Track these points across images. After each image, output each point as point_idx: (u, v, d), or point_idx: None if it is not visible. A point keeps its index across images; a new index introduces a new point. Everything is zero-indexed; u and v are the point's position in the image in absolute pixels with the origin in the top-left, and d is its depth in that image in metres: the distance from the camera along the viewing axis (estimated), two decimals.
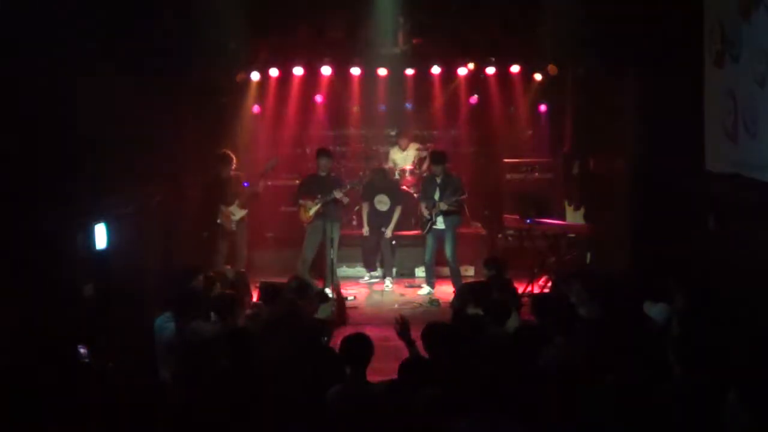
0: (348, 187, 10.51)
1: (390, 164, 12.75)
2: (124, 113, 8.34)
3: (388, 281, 11.21)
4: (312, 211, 10.38)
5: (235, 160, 10.60)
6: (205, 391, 5.31)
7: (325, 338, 6.28)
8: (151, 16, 8.24)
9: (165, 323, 6.91)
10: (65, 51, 6.95)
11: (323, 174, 10.47)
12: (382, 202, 11.03)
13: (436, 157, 10.58)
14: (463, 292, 7.68)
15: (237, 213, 10.52)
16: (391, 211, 10.98)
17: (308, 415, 4.90)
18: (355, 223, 12.00)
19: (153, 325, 6.91)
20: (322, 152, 10.56)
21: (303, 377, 5.42)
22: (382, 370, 5.61)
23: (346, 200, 10.40)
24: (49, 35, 6.61)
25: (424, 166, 12.19)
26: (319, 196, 10.30)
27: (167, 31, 8.34)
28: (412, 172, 12.59)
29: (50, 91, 6.79)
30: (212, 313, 7.12)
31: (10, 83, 6.13)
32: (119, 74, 8.13)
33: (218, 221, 10.44)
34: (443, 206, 10.27)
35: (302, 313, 6.80)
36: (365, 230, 11.17)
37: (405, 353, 5.79)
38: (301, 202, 10.50)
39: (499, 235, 11.87)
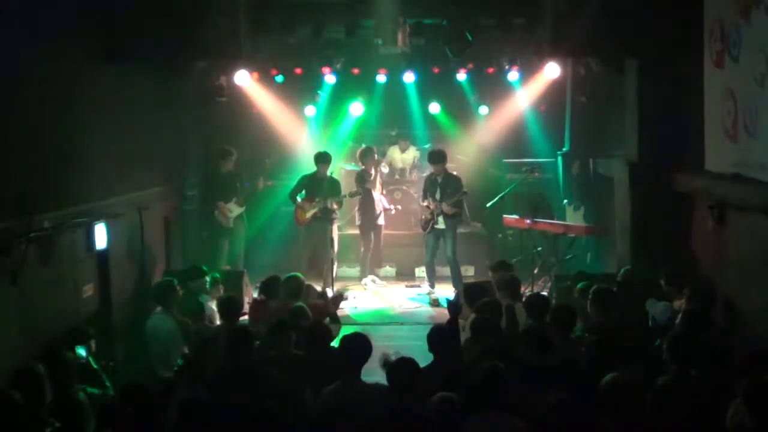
0: (346, 196, 10.65)
1: (388, 161, 12.79)
2: (124, 113, 8.34)
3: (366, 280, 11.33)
4: (309, 215, 10.49)
5: (235, 155, 10.59)
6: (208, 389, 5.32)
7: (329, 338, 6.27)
8: (151, 16, 8.23)
9: (159, 321, 6.94)
10: (64, 50, 6.95)
11: (320, 177, 10.52)
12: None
13: (433, 157, 10.57)
14: (463, 293, 7.70)
15: (234, 210, 10.50)
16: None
17: (304, 414, 4.91)
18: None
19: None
20: (320, 157, 10.59)
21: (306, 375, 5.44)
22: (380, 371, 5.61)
23: (336, 206, 10.57)
24: (48, 33, 6.61)
25: (422, 167, 12.22)
26: (317, 200, 10.36)
27: (167, 31, 8.32)
28: (411, 171, 12.64)
29: (50, 90, 6.79)
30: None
31: (9, 83, 6.12)
32: (119, 74, 8.13)
33: (215, 218, 10.43)
34: (445, 208, 10.26)
35: (306, 312, 6.83)
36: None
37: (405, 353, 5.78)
38: (299, 202, 10.55)
39: (499, 235, 11.86)
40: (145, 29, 8.19)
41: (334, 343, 6.09)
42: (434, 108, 12.59)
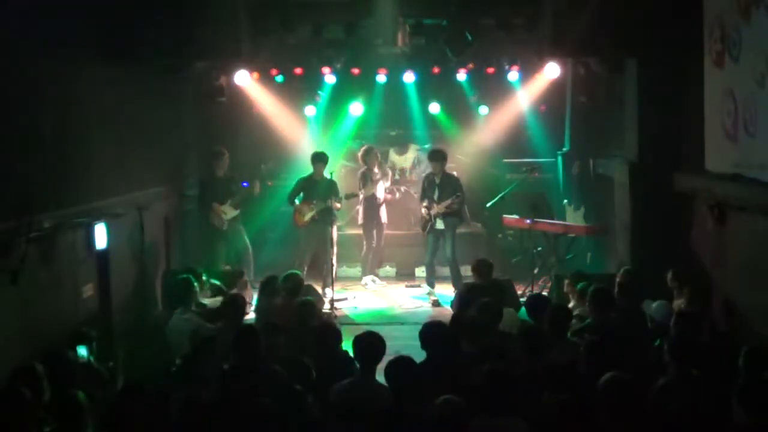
0: (342, 198, 10.57)
1: (389, 164, 12.78)
2: (124, 113, 8.35)
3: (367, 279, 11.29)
4: (307, 217, 10.44)
5: (227, 156, 10.58)
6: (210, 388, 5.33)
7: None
8: (151, 16, 8.23)
9: (183, 323, 6.92)
10: (65, 50, 6.95)
11: (318, 179, 10.47)
12: None
13: (434, 155, 10.57)
14: (463, 293, 7.70)
15: (229, 212, 10.51)
16: None
17: (311, 410, 4.91)
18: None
19: (161, 323, 6.96)
20: (317, 157, 10.55)
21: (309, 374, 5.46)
22: (380, 370, 5.62)
23: (338, 206, 10.47)
24: (48, 34, 6.61)
25: (422, 167, 12.22)
26: (315, 202, 10.32)
27: (167, 31, 8.33)
28: (411, 171, 12.63)
29: (50, 90, 6.79)
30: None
31: (8, 82, 6.12)
32: (119, 74, 8.14)
33: (210, 219, 10.44)
34: (439, 208, 10.26)
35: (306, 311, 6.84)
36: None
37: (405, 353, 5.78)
38: (297, 205, 10.51)
39: (499, 235, 11.86)
40: (146, 29, 8.20)
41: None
42: (434, 108, 12.61)
